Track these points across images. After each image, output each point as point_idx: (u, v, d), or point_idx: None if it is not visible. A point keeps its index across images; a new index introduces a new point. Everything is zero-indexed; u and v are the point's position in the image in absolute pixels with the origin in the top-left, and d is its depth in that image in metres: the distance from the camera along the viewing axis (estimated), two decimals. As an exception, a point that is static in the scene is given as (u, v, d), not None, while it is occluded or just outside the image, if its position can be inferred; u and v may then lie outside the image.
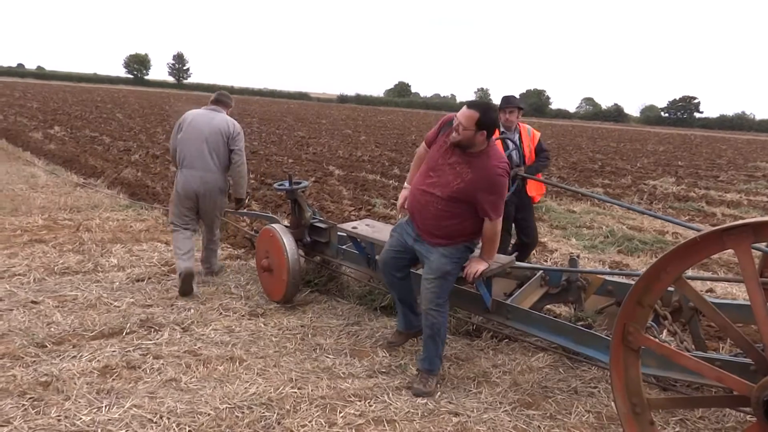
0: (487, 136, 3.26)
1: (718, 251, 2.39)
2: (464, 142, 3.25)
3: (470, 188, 3.25)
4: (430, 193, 3.36)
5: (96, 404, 3.03)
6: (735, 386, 2.36)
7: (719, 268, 6.46)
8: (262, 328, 4.18)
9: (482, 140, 3.26)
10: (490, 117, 3.23)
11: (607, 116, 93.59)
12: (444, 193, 3.30)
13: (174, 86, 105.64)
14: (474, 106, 3.24)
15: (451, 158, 3.33)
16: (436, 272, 3.39)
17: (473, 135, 3.21)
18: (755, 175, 17.26)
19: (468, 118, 3.19)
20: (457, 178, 3.28)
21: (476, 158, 3.28)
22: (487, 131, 3.24)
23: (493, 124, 3.27)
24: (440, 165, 3.36)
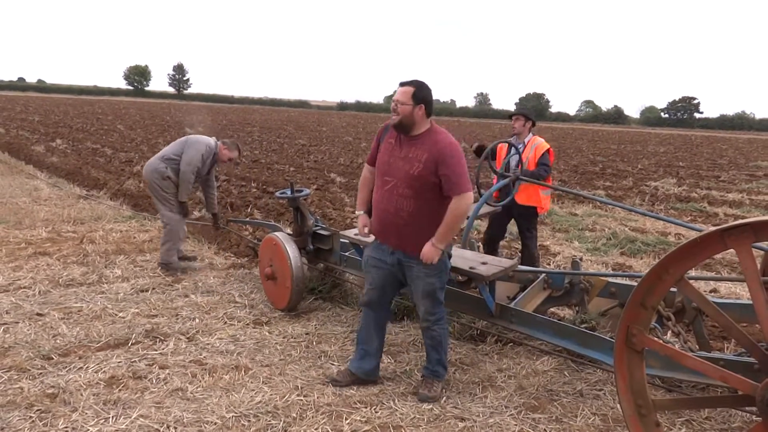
0: (425, 110, 3.19)
1: (719, 251, 2.40)
2: (405, 119, 3.17)
3: (430, 166, 3.13)
4: (396, 195, 3.22)
5: (103, 415, 3.04)
6: (739, 386, 2.36)
7: (723, 268, 6.46)
8: (266, 336, 4.19)
9: (422, 115, 3.19)
10: (426, 90, 3.21)
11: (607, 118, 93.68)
12: (408, 185, 3.17)
13: (174, 97, 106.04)
14: (408, 82, 3.22)
15: (401, 152, 3.23)
16: (425, 294, 3.32)
17: (412, 109, 3.15)
18: (756, 175, 17.26)
19: (404, 93, 3.17)
20: (414, 163, 3.16)
21: (425, 138, 3.20)
22: (425, 105, 3.18)
23: (430, 98, 3.22)
24: (392, 165, 3.25)
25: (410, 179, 3.16)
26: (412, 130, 3.21)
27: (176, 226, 5.53)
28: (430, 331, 3.38)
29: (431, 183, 3.15)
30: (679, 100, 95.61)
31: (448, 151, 3.14)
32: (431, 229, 3.18)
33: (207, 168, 5.62)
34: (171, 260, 5.54)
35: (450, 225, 3.16)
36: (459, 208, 3.13)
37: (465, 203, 3.13)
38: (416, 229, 3.21)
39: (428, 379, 3.43)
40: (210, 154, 5.53)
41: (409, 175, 3.15)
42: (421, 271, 3.28)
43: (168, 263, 5.53)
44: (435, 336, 3.39)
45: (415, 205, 3.18)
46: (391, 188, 3.23)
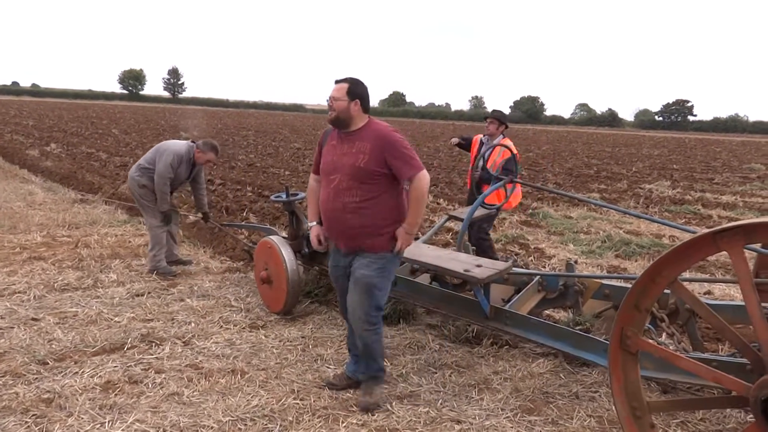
0: (362, 106, 3.18)
1: (711, 254, 2.42)
2: (341, 115, 3.16)
3: (377, 155, 3.10)
4: (341, 190, 3.16)
5: (99, 420, 3.04)
6: (733, 387, 2.38)
7: (717, 270, 6.50)
8: (263, 340, 4.19)
9: (358, 111, 3.17)
10: (361, 87, 3.19)
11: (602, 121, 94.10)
12: (353, 177, 3.12)
13: (169, 101, 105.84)
14: (342, 79, 3.22)
15: (344, 149, 3.20)
16: (361, 287, 3.20)
17: (347, 105, 3.14)
18: (750, 177, 17.36)
19: (338, 89, 3.17)
20: (359, 155, 3.13)
21: (364, 131, 3.18)
22: (361, 101, 3.17)
23: (365, 94, 3.20)
24: (337, 162, 3.21)
25: (356, 171, 3.12)
26: (350, 125, 3.20)
27: (158, 231, 5.56)
28: (363, 338, 3.27)
29: (377, 174, 3.11)
30: (672, 103, 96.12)
31: (392, 138, 3.13)
32: (378, 221, 3.16)
33: (186, 173, 5.63)
34: (158, 265, 5.56)
35: (416, 208, 3.16)
36: (419, 188, 3.12)
37: (423, 182, 3.13)
38: (363, 222, 3.16)
39: (367, 384, 3.35)
40: (182, 160, 5.52)
41: (354, 167, 3.12)
42: (362, 262, 3.21)
43: (155, 269, 5.54)
44: (368, 342, 3.29)
45: (361, 197, 3.14)
46: (336, 185, 3.19)
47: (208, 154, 5.62)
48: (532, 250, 7.16)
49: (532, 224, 8.85)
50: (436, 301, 4.20)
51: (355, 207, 3.15)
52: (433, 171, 15.57)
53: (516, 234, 7.93)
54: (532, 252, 7.04)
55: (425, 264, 4.03)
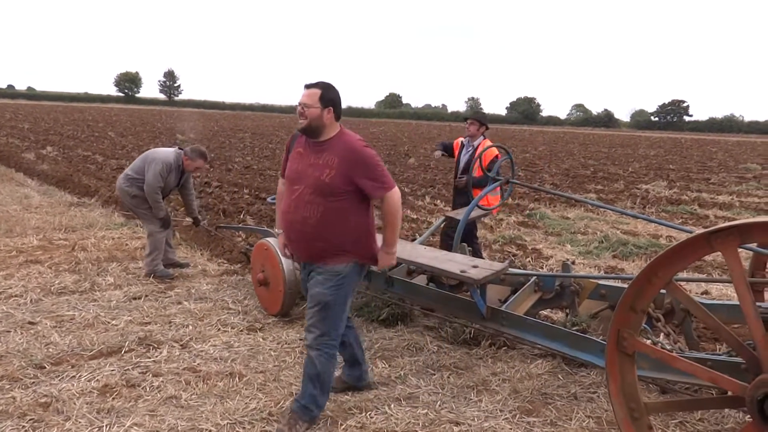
0: (334, 113, 3.00)
1: (706, 254, 2.43)
2: (313, 123, 2.96)
3: (344, 171, 2.91)
4: (303, 203, 2.97)
5: (97, 424, 3.03)
6: (729, 387, 2.39)
7: (713, 270, 6.52)
8: (260, 342, 4.19)
9: (331, 119, 2.99)
10: (333, 92, 3.02)
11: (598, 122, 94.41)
12: (317, 191, 2.94)
13: (165, 103, 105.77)
14: (313, 84, 3.02)
15: (311, 159, 3.00)
16: (315, 302, 3.03)
17: (320, 113, 2.95)
18: (746, 177, 17.43)
19: (310, 95, 2.97)
20: (325, 169, 2.93)
21: (334, 143, 2.99)
22: (334, 108, 2.99)
23: (338, 100, 3.03)
24: (302, 172, 3.02)
25: (320, 186, 2.93)
26: (320, 134, 3.01)
27: (158, 236, 5.57)
28: (311, 355, 3.04)
29: (342, 191, 2.93)
30: (668, 104, 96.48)
31: (362, 154, 2.96)
32: (339, 239, 2.98)
33: (175, 181, 5.63)
34: (155, 269, 5.55)
35: (392, 226, 3.04)
36: (393, 206, 3.00)
37: (395, 200, 3.00)
38: (323, 238, 2.98)
39: (295, 414, 3.03)
40: (170, 169, 5.52)
41: (319, 181, 2.93)
42: (318, 278, 3.04)
43: (152, 272, 5.54)
44: (315, 363, 3.03)
45: (323, 212, 2.94)
46: (298, 196, 3.00)
47: (196, 161, 5.62)
48: (530, 250, 7.17)
49: (530, 225, 8.86)
50: (433, 302, 4.21)
51: (316, 222, 2.95)
52: (429, 172, 15.59)
53: (513, 235, 7.95)
54: (530, 253, 7.05)
55: (422, 265, 4.04)
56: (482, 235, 7.99)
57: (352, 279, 3.11)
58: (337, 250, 3.01)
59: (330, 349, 3.07)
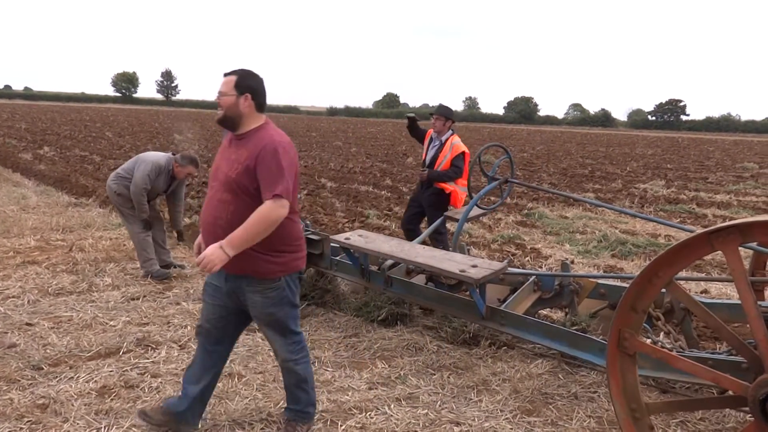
0: (253, 101, 2.74)
1: (707, 253, 2.43)
2: (229, 112, 2.72)
3: (250, 166, 2.65)
4: (216, 201, 2.75)
5: (95, 425, 3.01)
6: (731, 386, 2.39)
7: (713, 269, 6.52)
8: (259, 343, 4.17)
9: (249, 108, 2.73)
10: (251, 78, 2.76)
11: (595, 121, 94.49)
12: (227, 189, 2.70)
13: (163, 103, 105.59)
14: (231, 71, 2.79)
15: (228, 153, 2.78)
16: (269, 325, 2.87)
17: (235, 100, 2.70)
18: (743, 176, 17.45)
19: (225, 83, 2.74)
20: (235, 164, 2.70)
21: (252, 136, 2.74)
22: (252, 95, 2.72)
23: (257, 87, 2.76)
24: (219, 168, 2.80)
25: (229, 182, 2.70)
26: (240, 126, 2.75)
27: (140, 237, 5.55)
28: (290, 370, 2.94)
29: (252, 189, 2.66)
30: (665, 103, 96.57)
31: (270, 149, 2.66)
32: (257, 246, 2.67)
33: (164, 185, 5.60)
34: (152, 269, 5.53)
35: (249, 228, 2.58)
36: (267, 213, 2.59)
37: (276, 209, 2.60)
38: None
39: (292, 422, 2.99)
40: (159, 171, 5.48)
41: (228, 177, 2.70)
42: (256, 299, 2.79)
43: (149, 273, 5.51)
44: (298, 373, 2.94)
45: (234, 213, 2.67)
46: (212, 195, 2.79)
47: (187, 167, 5.57)
48: (529, 250, 7.16)
49: (528, 224, 8.86)
50: (432, 301, 4.19)
51: (227, 223, 2.67)
52: (428, 172, 15.55)
53: (512, 234, 7.94)
54: (529, 252, 7.05)
55: (420, 264, 4.03)
56: (481, 234, 8.00)
57: (289, 292, 2.84)
58: (257, 258, 2.70)
59: (300, 354, 2.94)
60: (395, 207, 9.83)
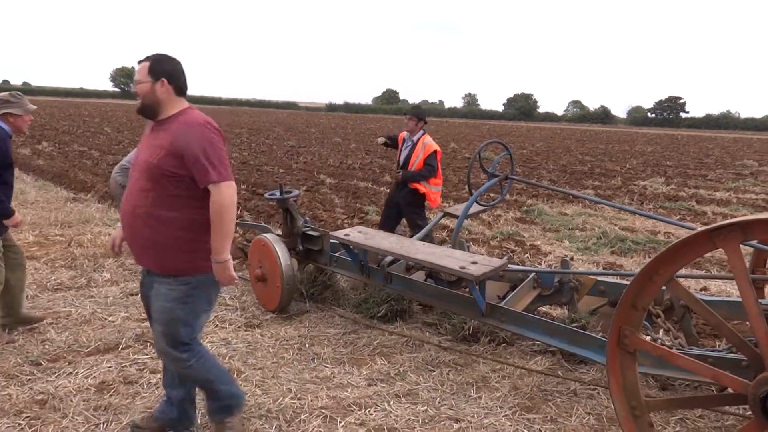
0: (172, 86, 2.59)
1: (708, 251, 2.42)
2: (146, 100, 2.59)
3: (174, 153, 2.50)
4: (136, 189, 2.59)
5: (94, 421, 3.01)
6: (731, 384, 2.38)
7: (712, 267, 6.52)
8: (258, 339, 4.17)
9: (167, 93, 2.59)
10: (167, 64, 2.62)
11: (595, 118, 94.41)
12: (147, 176, 2.55)
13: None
14: (144, 58, 2.63)
15: (150, 140, 2.64)
16: (162, 321, 2.64)
17: (151, 87, 2.57)
18: (743, 173, 17.44)
19: (140, 69, 2.60)
20: (157, 150, 2.54)
21: (173, 121, 2.60)
22: (169, 79, 2.58)
23: (173, 71, 2.61)
24: (140, 156, 2.66)
25: (150, 169, 2.54)
26: (159, 112, 2.62)
27: None
28: (189, 376, 2.75)
29: (175, 175, 2.52)
30: (665, 100, 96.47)
31: (197, 132, 2.52)
32: (172, 235, 2.56)
33: None
34: None
35: (218, 228, 2.52)
36: (219, 203, 2.50)
37: (224, 196, 2.50)
38: (153, 234, 2.57)
39: (219, 420, 2.83)
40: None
41: (149, 164, 2.55)
42: (160, 290, 2.64)
43: None
44: (197, 375, 2.73)
45: (154, 200, 2.54)
46: (132, 183, 2.64)
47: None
48: (528, 247, 7.16)
49: (528, 221, 8.85)
50: (432, 298, 4.19)
51: (145, 213, 2.55)
52: (427, 168, 15.54)
53: (511, 231, 7.93)
54: (528, 249, 7.04)
55: (420, 261, 4.02)
56: (480, 231, 7.99)
57: (203, 289, 2.67)
58: (171, 250, 2.57)
59: (189, 359, 2.68)
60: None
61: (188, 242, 2.58)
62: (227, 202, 2.51)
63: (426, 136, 5.99)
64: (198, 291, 2.65)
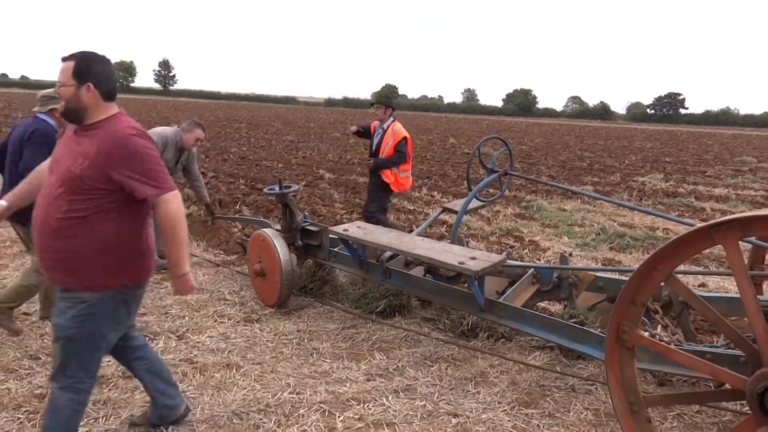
0: (97, 90, 2.38)
1: (707, 247, 2.42)
2: (70, 104, 2.38)
3: (100, 164, 2.30)
4: (51, 197, 2.37)
5: (93, 415, 3.01)
6: (729, 380, 2.39)
7: (710, 263, 6.53)
8: (257, 333, 4.17)
9: (94, 98, 2.37)
10: (92, 64, 2.39)
11: (594, 114, 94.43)
12: (66, 185, 2.33)
13: (160, 93, 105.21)
14: (69, 56, 2.41)
15: (71, 145, 2.42)
16: (57, 333, 2.43)
17: (75, 91, 2.36)
18: (742, 170, 17.46)
19: (63, 71, 2.38)
20: (79, 159, 2.33)
21: (100, 128, 2.38)
22: (96, 84, 2.37)
23: (100, 74, 2.39)
24: (57, 160, 2.44)
25: (70, 177, 2.33)
26: (84, 118, 2.40)
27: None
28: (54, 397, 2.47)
29: (95, 188, 2.32)
30: (664, 96, 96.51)
31: (126, 144, 2.33)
32: (82, 250, 2.35)
33: (173, 159, 5.46)
34: None
35: (171, 240, 2.40)
36: (167, 215, 2.36)
37: (171, 207, 2.37)
38: (64, 246, 2.35)
39: None
40: (167, 143, 5.35)
41: (69, 172, 2.33)
42: (59, 306, 2.42)
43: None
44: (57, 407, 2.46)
45: (68, 213, 2.33)
46: (47, 189, 2.41)
47: (194, 131, 5.46)
48: (527, 242, 7.16)
49: (527, 217, 8.86)
50: (431, 293, 4.19)
51: (58, 223, 2.33)
52: (426, 163, 15.55)
53: (510, 227, 7.94)
54: (527, 245, 7.05)
55: (419, 256, 4.02)
56: (479, 226, 7.99)
57: (105, 311, 2.43)
58: (78, 265, 2.35)
59: (71, 390, 2.46)
60: (394, 199, 9.81)
61: (95, 259, 2.36)
62: (177, 213, 2.38)
63: (395, 123, 6.11)
64: (97, 309, 2.41)
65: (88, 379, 2.50)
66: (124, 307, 2.52)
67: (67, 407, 2.46)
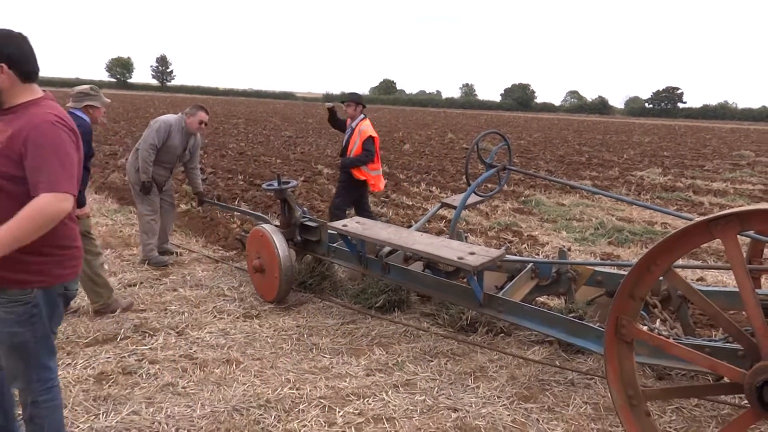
0: (12, 70, 2.17)
1: (705, 241, 2.42)
2: None
3: (14, 148, 2.10)
4: None
5: (93, 411, 3.02)
6: (728, 374, 2.39)
7: (708, 257, 6.54)
8: (257, 329, 4.18)
9: (7, 79, 2.17)
10: (4, 43, 2.17)
11: (592, 109, 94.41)
12: None
13: (158, 89, 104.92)
14: None
15: None
16: (11, 349, 2.23)
17: None
18: (740, 164, 17.47)
19: None
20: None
21: (20, 111, 2.19)
22: (9, 64, 2.16)
23: (15, 53, 2.18)
24: None
25: None
26: (3, 102, 2.21)
27: (147, 219, 5.52)
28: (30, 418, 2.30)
29: (12, 176, 2.12)
30: (662, 90, 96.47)
31: (39, 131, 2.12)
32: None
33: (180, 145, 5.51)
34: (150, 255, 5.52)
35: (19, 226, 2.03)
36: (41, 207, 2.05)
37: (56, 203, 2.07)
38: None
39: None
40: (171, 129, 5.43)
41: None
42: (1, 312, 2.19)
43: (147, 258, 5.51)
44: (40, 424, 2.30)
45: None
46: None
47: (197, 114, 5.53)
48: (526, 237, 7.17)
49: (525, 212, 8.86)
50: (430, 288, 4.20)
51: None
52: (424, 158, 15.53)
53: (509, 221, 7.94)
54: (526, 239, 7.06)
55: (418, 252, 4.02)
56: (478, 221, 8.00)
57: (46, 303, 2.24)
58: (14, 263, 2.12)
59: (47, 393, 2.31)
60: (392, 194, 9.81)
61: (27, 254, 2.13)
62: (48, 215, 2.07)
63: (363, 122, 6.12)
64: (40, 307, 2.23)
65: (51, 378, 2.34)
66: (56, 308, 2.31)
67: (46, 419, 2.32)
